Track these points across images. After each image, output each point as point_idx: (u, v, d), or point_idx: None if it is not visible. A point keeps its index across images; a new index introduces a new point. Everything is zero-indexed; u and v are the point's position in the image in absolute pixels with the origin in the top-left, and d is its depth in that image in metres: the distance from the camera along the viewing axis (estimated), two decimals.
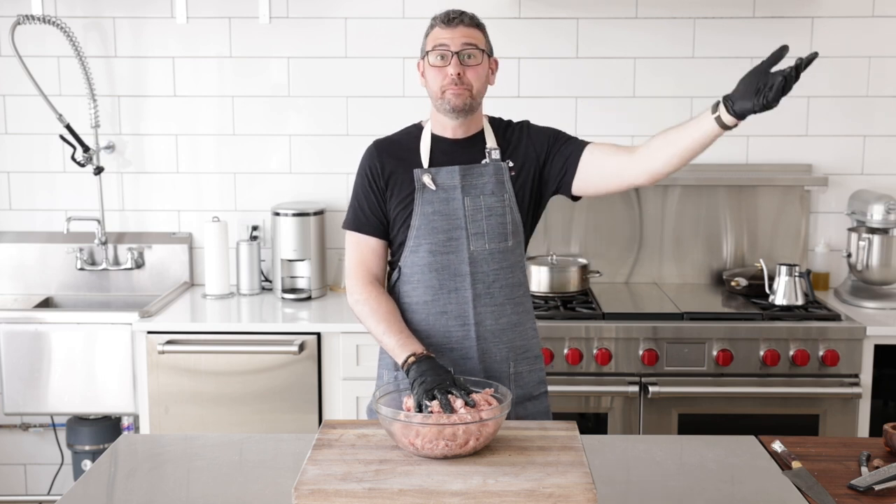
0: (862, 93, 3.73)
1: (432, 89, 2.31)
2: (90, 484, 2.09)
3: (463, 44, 2.27)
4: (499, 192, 2.34)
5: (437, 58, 2.28)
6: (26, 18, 3.54)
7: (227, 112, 3.80)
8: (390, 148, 2.38)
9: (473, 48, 2.28)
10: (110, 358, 3.39)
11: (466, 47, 2.27)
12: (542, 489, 1.76)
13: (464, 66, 2.27)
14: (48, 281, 3.83)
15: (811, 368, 3.20)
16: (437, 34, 2.30)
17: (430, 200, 2.32)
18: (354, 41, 3.74)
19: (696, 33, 3.71)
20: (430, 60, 2.29)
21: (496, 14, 3.61)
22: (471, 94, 2.28)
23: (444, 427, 1.89)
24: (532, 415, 2.40)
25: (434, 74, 2.29)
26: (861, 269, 3.51)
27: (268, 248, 3.80)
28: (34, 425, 3.83)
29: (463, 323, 2.34)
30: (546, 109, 3.73)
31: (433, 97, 2.32)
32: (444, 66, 2.27)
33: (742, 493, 2.04)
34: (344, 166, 3.76)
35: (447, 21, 2.29)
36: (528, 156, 2.37)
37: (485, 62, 2.31)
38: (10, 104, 3.80)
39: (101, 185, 3.79)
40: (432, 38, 2.30)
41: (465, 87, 2.27)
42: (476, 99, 2.31)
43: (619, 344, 3.22)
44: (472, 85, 2.28)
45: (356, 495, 1.75)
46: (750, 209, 3.74)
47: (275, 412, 3.31)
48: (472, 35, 2.29)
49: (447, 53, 2.27)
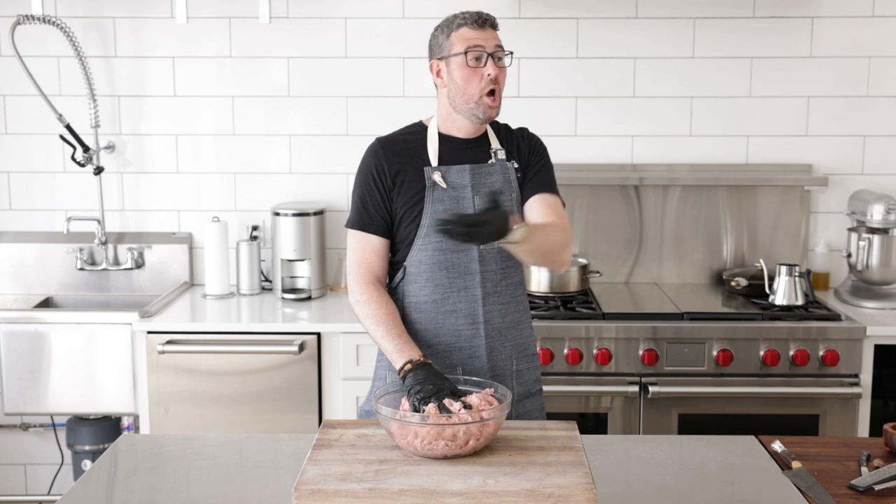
0: (862, 93, 3.73)
1: (467, 92, 2.28)
2: (90, 484, 2.09)
3: (496, 45, 2.28)
4: (507, 191, 2.35)
5: (473, 59, 2.26)
6: (26, 18, 3.54)
7: (227, 112, 3.80)
8: (395, 146, 2.36)
9: (502, 51, 2.29)
10: (110, 358, 3.39)
11: (498, 49, 2.28)
12: (542, 489, 1.76)
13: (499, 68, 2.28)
14: (48, 281, 3.83)
15: (811, 368, 3.20)
16: (467, 35, 2.27)
17: (440, 199, 2.32)
18: (354, 41, 3.74)
19: (696, 33, 3.71)
20: (466, 61, 2.26)
21: (496, 14, 3.55)
22: (500, 102, 2.30)
23: (445, 427, 1.89)
24: (529, 412, 2.41)
25: (468, 76, 2.27)
26: (861, 269, 3.51)
27: (268, 248, 3.80)
28: (34, 425, 3.83)
29: (473, 321, 2.34)
30: (546, 109, 3.73)
31: (464, 99, 2.29)
32: (479, 66, 2.26)
33: (742, 493, 2.04)
34: (344, 166, 3.76)
35: (480, 22, 2.28)
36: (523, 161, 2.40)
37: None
38: (10, 104, 3.80)
39: (101, 185, 3.79)
40: (462, 39, 2.27)
41: (498, 95, 2.28)
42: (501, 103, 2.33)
43: (619, 344, 3.22)
44: (502, 88, 2.30)
45: (356, 495, 1.75)
46: (750, 209, 3.74)
47: (275, 412, 3.31)
48: (498, 38, 2.30)
49: (482, 55, 2.26)
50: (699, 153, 3.77)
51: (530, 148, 2.42)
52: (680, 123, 3.76)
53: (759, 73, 3.72)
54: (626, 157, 3.77)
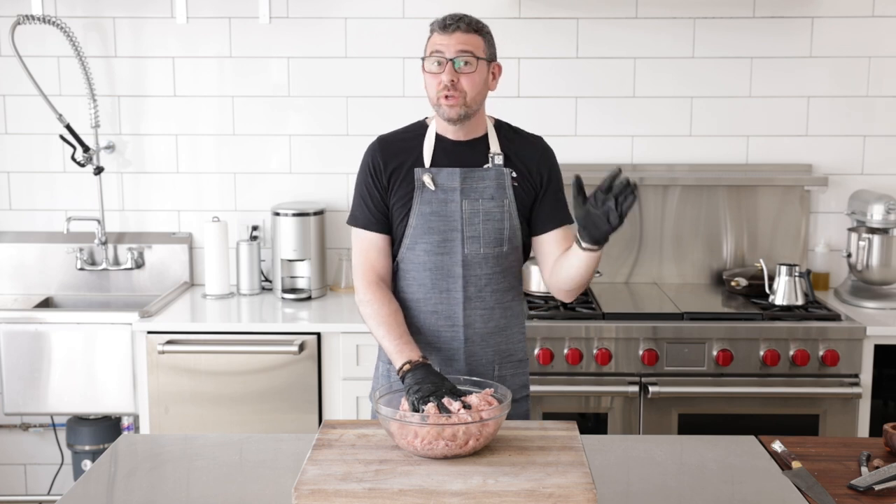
0: (862, 93, 3.73)
1: (430, 95, 2.31)
2: (90, 484, 2.09)
3: (458, 51, 2.25)
4: (499, 197, 2.34)
5: (432, 64, 2.28)
6: (26, 18, 3.54)
7: (227, 112, 3.80)
8: (393, 145, 2.38)
9: (469, 55, 2.25)
10: (110, 358, 3.39)
11: (461, 54, 2.25)
12: (542, 489, 1.76)
13: (458, 74, 2.25)
14: (48, 281, 3.83)
15: (811, 368, 3.20)
16: (434, 40, 2.29)
17: (428, 200, 2.32)
18: (354, 41, 3.74)
19: (696, 33, 3.71)
20: (426, 66, 2.29)
21: (496, 14, 3.61)
22: (465, 103, 2.27)
23: (444, 427, 1.89)
24: (512, 417, 2.39)
25: (430, 80, 2.29)
26: (861, 269, 3.51)
27: (268, 248, 3.80)
28: (34, 425, 3.83)
29: (452, 324, 2.35)
30: (546, 109, 3.73)
31: (431, 104, 2.32)
32: (440, 72, 2.27)
33: (742, 493, 2.04)
34: (344, 166, 3.76)
35: (443, 27, 2.27)
36: (533, 172, 2.37)
37: (481, 69, 2.28)
38: (10, 104, 3.80)
39: (101, 185, 3.79)
40: (430, 44, 2.30)
41: (458, 95, 2.26)
42: (471, 106, 2.29)
43: (619, 344, 3.22)
44: (465, 92, 2.26)
45: (356, 495, 1.75)
46: (750, 209, 3.74)
47: (275, 412, 3.31)
48: (468, 41, 2.26)
49: (442, 60, 2.26)
50: (699, 153, 3.77)
51: (549, 173, 2.39)
52: (680, 123, 3.76)
53: (759, 73, 3.72)
54: (626, 157, 3.77)
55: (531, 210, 2.39)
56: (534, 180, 2.37)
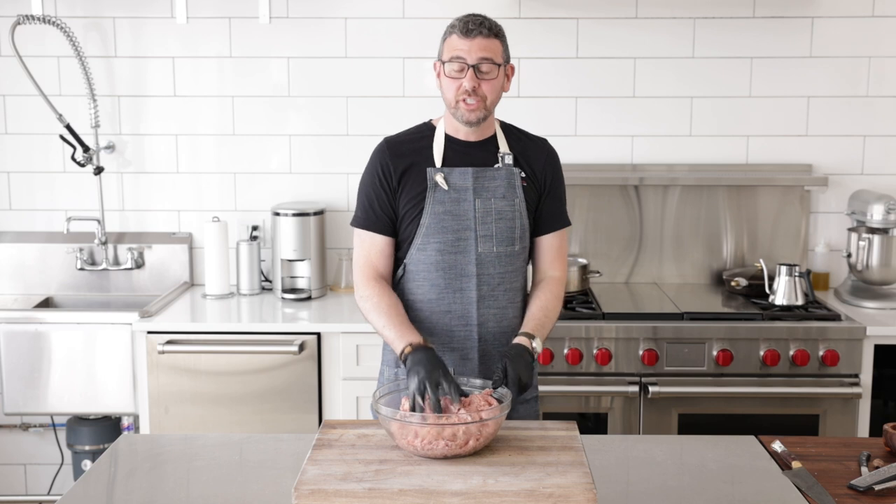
0: (862, 93, 3.73)
1: (447, 98, 2.31)
2: (90, 484, 2.09)
3: (479, 57, 2.25)
4: (510, 197, 2.34)
5: (453, 69, 2.28)
6: (26, 18, 3.54)
7: (227, 112, 3.80)
8: (402, 146, 2.38)
9: (489, 62, 2.26)
10: (110, 358, 3.39)
11: (483, 61, 2.26)
12: (542, 489, 1.76)
13: (479, 79, 2.26)
14: (48, 281, 3.83)
15: (811, 368, 3.20)
16: (454, 43, 2.28)
17: (441, 200, 2.32)
18: (354, 41, 3.74)
19: (696, 33, 3.71)
20: (445, 70, 2.29)
21: (496, 14, 3.56)
22: (485, 107, 2.29)
23: (444, 427, 1.89)
24: (522, 418, 2.40)
25: (449, 84, 2.29)
26: (861, 269, 3.51)
27: (268, 248, 3.80)
28: (34, 425, 3.83)
29: (466, 323, 2.34)
30: (546, 109, 3.73)
31: (447, 105, 2.32)
32: (460, 77, 2.27)
33: (742, 493, 2.04)
34: (344, 166, 3.76)
35: (465, 32, 2.26)
36: (539, 174, 2.39)
37: (500, 74, 2.30)
38: (10, 104, 3.80)
39: (101, 185, 3.79)
40: (449, 47, 2.28)
41: (479, 99, 2.27)
42: (490, 109, 2.32)
43: (619, 344, 3.22)
44: (486, 97, 2.28)
45: (356, 495, 1.75)
46: (750, 209, 3.74)
47: (275, 412, 3.31)
48: (489, 47, 2.26)
49: (464, 66, 2.26)
50: (699, 153, 3.77)
51: (554, 176, 2.42)
52: (680, 123, 3.76)
53: (759, 73, 3.72)
54: (626, 157, 3.77)
55: (535, 211, 2.40)
56: (539, 182, 2.39)
